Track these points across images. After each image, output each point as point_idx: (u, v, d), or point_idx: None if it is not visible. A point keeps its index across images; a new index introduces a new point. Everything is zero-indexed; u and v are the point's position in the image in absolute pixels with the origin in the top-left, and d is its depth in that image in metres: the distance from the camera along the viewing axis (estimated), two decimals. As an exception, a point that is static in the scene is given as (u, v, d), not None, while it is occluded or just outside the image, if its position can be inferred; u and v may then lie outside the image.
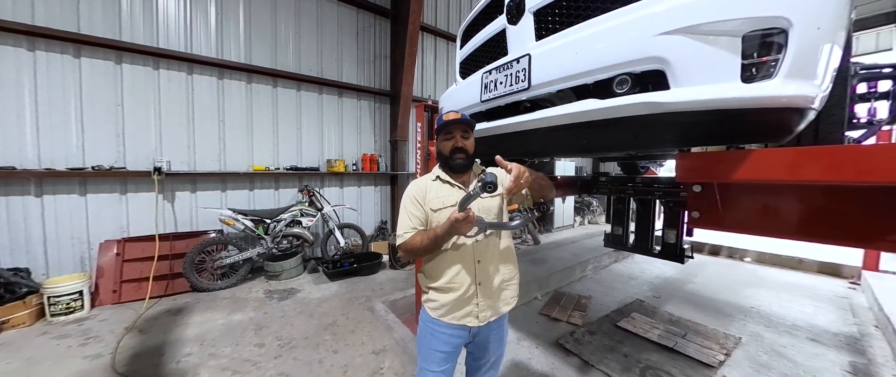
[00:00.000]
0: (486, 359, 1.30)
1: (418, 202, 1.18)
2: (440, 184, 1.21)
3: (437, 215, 1.16)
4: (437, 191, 1.20)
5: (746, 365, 2.34)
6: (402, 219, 1.18)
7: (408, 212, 1.18)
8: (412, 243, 1.13)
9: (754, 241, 5.30)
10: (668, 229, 2.17)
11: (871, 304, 3.25)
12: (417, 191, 1.19)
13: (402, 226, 1.17)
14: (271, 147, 4.22)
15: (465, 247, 1.17)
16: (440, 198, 1.18)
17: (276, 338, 2.47)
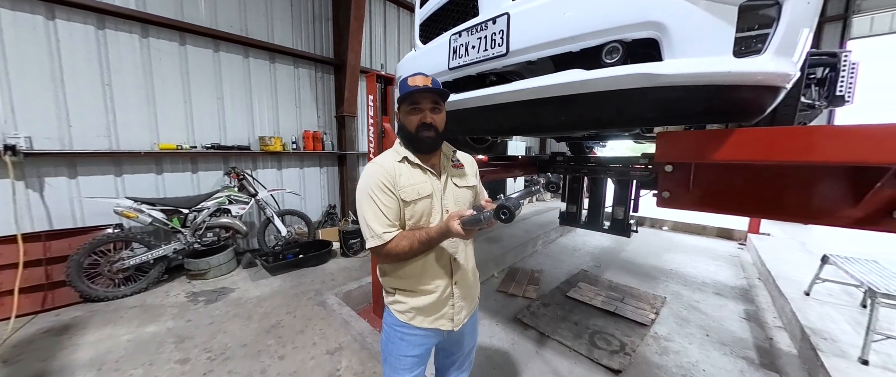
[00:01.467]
0: (460, 355, 1.19)
1: (389, 190, 0.95)
2: (410, 167, 1.00)
3: (410, 209, 0.97)
4: (409, 176, 0.98)
5: (672, 320, 2.69)
6: (374, 215, 0.94)
7: (379, 203, 0.94)
8: (399, 248, 0.92)
9: (671, 213, 6.14)
10: (618, 206, 2.30)
11: (755, 261, 4.00)
12: (385, 175, 0.96)
13: (376, 222, 0.93)
14: (183, 120, 3.45)
15: (447, 243, 1.03)
16: (414, 186, 0.98)
17: (205, 350, 2.09)
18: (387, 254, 0.93)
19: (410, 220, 0.98)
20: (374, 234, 0.92)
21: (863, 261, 2.39)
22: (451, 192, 1.05)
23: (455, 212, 0.88)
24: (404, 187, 0.97)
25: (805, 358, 2.15)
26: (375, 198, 0.94)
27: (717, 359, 2.18)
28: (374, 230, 0.93)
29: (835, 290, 2.75)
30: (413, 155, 1.00)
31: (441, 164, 1.06)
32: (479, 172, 1.97)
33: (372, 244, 0.93)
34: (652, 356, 2.22)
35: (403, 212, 0.98)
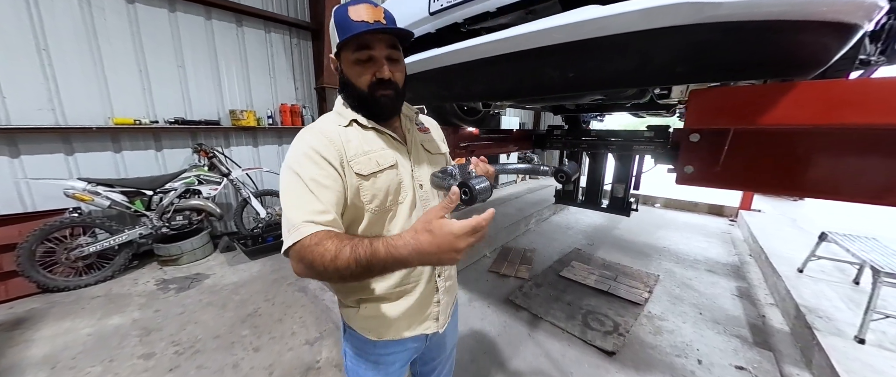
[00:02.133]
0: (441, 357, 1.00)
1: (327, 161, 0.66)
2: (361, 131, 0.74)
3: (369, 188, 0.70)
4: (361, 142, 0.72)
5: (665, 299, 2.64)
6: (295, 196, 0.63)
7: (306, 179, 0.64)
8: (318, 254, 0.56)
9: (663, 189, 6.10)
10: (618, 184, 2.15)
11: (746, 237, 3.99)
12: (323, 142, 0.67)
13: (296, 208, 0.62)
14: (140, 92, 3.09)
15: None
16: (370, 154, 0.71)
17: (173, 342, 1.93)
18: (299, 261, 0.58)
19: (372, 205, 0.71)
20: (290, 226, 0.60)
21: (863, 238, 2.33)
22: (424, 161, 0.82)
23: (429, 213, 0.57)
24: (356, 157, 0.69)
25: (798, 335, 2.12)
26: (301, 172, 0.64)
27: (711, 338, 2.14)
28: (290, 219, 0.61)
29: (827, 267, 2.73)
30: (365, 119, 0.74)
31: (404, 126, 0.82)
32: (470, 147, 1.78)
33: (287, 240, 0.60)
34: (646, 336, 2.16)
35: (357, 194, 0.69)
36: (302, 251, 0.58)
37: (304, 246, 0.58)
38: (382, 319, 0.78)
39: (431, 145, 0.90)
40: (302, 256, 0.58)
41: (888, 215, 5.06)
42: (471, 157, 0.94)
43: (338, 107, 0.77)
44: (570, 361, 1.92)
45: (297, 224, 0.60)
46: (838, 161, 0.70)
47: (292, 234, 0.59)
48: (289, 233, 0.60)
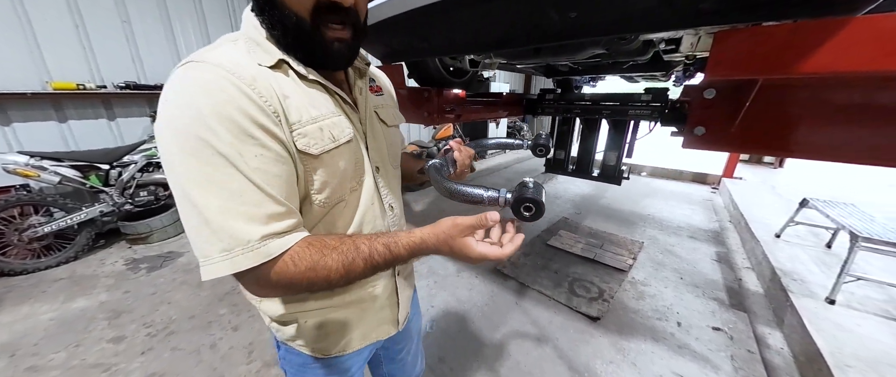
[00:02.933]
0: (408, 346, 0.87)
1: (266, 131, 0.44)
2: (299, 83, 0.50)
3: (322, 173, 0.51)
4: (303, 101, 0.49)
5: (648, 265, 2.70)
6: (230, 191, 0.41)
7: (249, 168, 0.42)
8: (304, 268, 0.44)
9: (650, 158, 6.13)
10: (610, 152, 2.06)
11: (727, 204, 4.08)
12: (250, 97, 0.42)
13: (238, 216, 0.41)
14: (80, 52, 2.70)
15: (382, 222, 0.63)
16: (321, 123, 0.50)
17: (145, 324, 1.83)
18: (275, 284, 0.45)
19: (322, 196, 0.52)
20: (237, 242, 0.41)
21: (842, 204, 2.38)
22: (380, 137, 0.64)
23: (455, 221, 0.49)
24: (302, 125, 0.47)
25: (771, 297, 2.21)
26: (229, 151, 0.40)
27: (691, 302, 2.21)
28: (237, 232, 0.41)
29: (802, 232, 2.83)
30: (302, 66, 0.50)
31: (352, 82, 0.60)
32: (457, 111, 1.63)
33: (227, 267, 0.42)
34: (629, 301, 2.21)
35: (303, 181, 0.50)
36: (282, 271, 0.44)
37: (284, 265, 0.44)
38: (332, 332, 0.63)
39: (387, 114, 0.69)
40: (280, 277, 0.44)
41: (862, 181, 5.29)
42: (451, 142, 0.85)
43: (250, 30, 0.49)
44: (557, 327, 1.95)
45: (251, 237, 0.41)
46: (888, 120, 0.61)
47: (246, 253, 0.41)
48: (230, 253, 0.41)
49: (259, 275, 0.44)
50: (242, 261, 0.42)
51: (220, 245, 0.41)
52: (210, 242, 0.41)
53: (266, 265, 0.43)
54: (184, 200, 0.41)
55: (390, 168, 0.68)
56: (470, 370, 1.63)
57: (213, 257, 0.41)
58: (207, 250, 0.41)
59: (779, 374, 1.65)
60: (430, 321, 2.00)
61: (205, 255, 0.42)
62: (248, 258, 0.42)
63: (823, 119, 0.67)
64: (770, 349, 1.82)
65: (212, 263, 0.41)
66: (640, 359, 1.71)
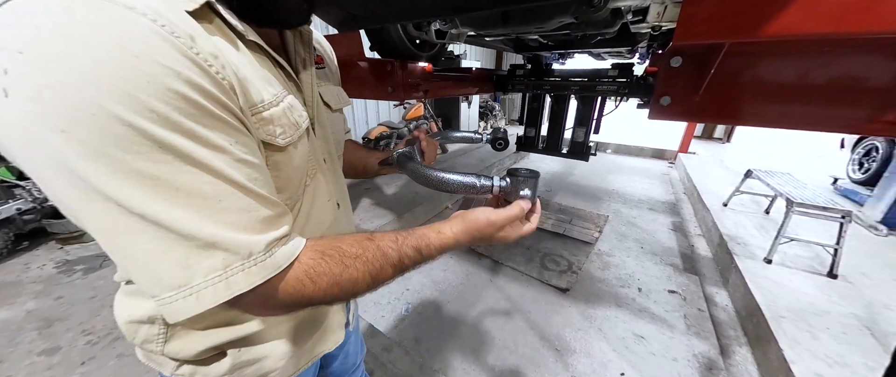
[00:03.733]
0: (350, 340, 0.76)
1: (221, 105, 0.30)
2: (234, 44, 0.35)
3: (286, 162, 0.41)
4: (251, 69, 0.36)
5: (613, 237, 2.85)
6: (202, 193, 0.29)
7: (207, 154, 0.29)
8: (318, 288, 0.36)
9: (614, 135, 6.40)
10: (579, 127, 2.09)
11: (682, 177, 4.38)
12: (191, 61, 0.28)
13: (224, 224, 0.31)
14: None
15: (333, 223, 0.55)
16: (282, 103, 0.39)
17: (83, 332, 1.64)
18: (290, 304, 0.37)
19: (282, 195, 0.43)
20: (235, 256, 0.32)
21: (780, 174, 2.62)
22: (325, 123, 0.54)
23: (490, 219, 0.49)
24: (264, 105, 0.37)
25: (719, 260, 2.43)
26: (189, 135, 0.28)
27: (650, 268, 2.37)
28: (230, 243, 0.31)
29: (745, 201, 3.10)
30: (236, 17, 0.35)
31: (294, 50, 0.46)
32: (424, 86, 1.54)
33: (223, 291, 0.31)
34: (595, 271, 2.33)
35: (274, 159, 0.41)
36: (291, 293, 0.35)
37: (299, 288, 0.35)
38: (276, 359, 0.50)
39: (331, 95, 0.58)
40: (292, 299, 0.36)
41: (796, 152, 5.88)
42: (415, 132, 0.79)
43: None
44: (529, 301, 2.01)
45: (250, 251, 0.32)
46: (843, 85, 0.63)
47: (250, 270, 0.32)
48: (236, 268, 0.31)
49: (267, 293, 0.34)
50: (243, 280, 0.31)
51: (208, 264, 0.30)
52: (186, 265, 0.30)
53: (274, 280, 0.34)
54: (118, 217, 0.27)
55: (336, 160, 0.59)
56: (446, 348, 1.65)
57: (194, 283, 0.30)
58: (182, 277, 0.30)
59: (724, 329, 1.83)
60: (406, 304, 1.98)
61: (178, 285, 0.30)
62: (254, 274, 0.32)
63: (779, 88, 0.69)
64: (717, 306, 2.01)
65: (193, 292, 0.30)
66: (605, 324, 1.81)
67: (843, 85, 0.63)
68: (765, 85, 0.72)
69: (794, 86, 0.68)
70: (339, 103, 0.61)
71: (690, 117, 0.78)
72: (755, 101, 0.74)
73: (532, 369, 1.53)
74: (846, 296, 1.80)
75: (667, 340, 1.70)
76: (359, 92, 1.45)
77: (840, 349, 1.45)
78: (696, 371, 1.52)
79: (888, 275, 2.02)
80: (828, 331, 1.54)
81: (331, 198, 0.55)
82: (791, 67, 0.68)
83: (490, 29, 1.28)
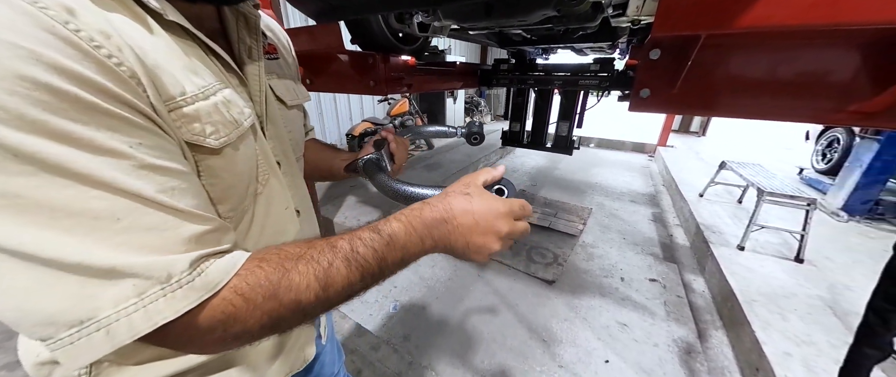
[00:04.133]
0: (326, 349, 0.69)
1: (112, 97, 0.24)
2: (146, 25, 0.29)
3: (223, 167, 0.35)
4: (168, 55, 0.30)
5: (596, 228, 2.92)
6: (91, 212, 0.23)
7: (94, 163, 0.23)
8: (253, 306, 0.29)
9: (597, 130, 6.54)
10: (563, 122, 2.11)
11: (661, 170, 4.53)
12: (63, 42, 0.22)
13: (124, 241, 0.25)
14: None
15: (291, 232, 0.50)
16: (209, 94, 0.33)
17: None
18: (222, 338, 0.29)
19: (223, 208, 0.36)
20: (153, 280, 0.26)
21: (751, 165, 2.74)
22: (278, 121, 0.48)
23: None
24: (186, 99, 0.31)
25: (696, 248, 2.53)
26: (65, 133, 0.22)
27: (632, 258, 2.44)
28: (130, 267, 0.25)
29: (720, 191, 3.24)
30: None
31: (238, 37, 0.41)
32: (407, 80, 1.51)
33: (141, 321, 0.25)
34: (580, 263, 2.38)
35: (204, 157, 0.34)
36: (222, 319, 0.28)
37: (229, 311, 0.28)
38: None
39: (285, 90, 0.52)
40: (225, 329, 0.29)
41: (766, 145, 6.17)
42: (382, 131, 0.71)
43: None
44: (517, 294, 2.04)
45: (169, 272, 0.26)
46: (793, 79, 0.66)
47: (175, 293, 0.26)
48: (153, 295, 0.26)
49: (186, 326, 0.27)
50: (167, 307, 0.26)
51: (113, 292, 0.24)
52: (85, 296, 0.24)
53: (205, 305, 0.27)
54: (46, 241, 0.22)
55: (294, 162, 0.52)
56: (435, 345, 1.65)
57: (101, 317, 0.24)
58: (84, 310, 0.24)
59: (701, 314, 1.91)
60: (394, 301, 1.97)
61: (79, 321, 0.24)
62: (180, 297, 0.26)
63: (751, 80, 0.71)
64: (695, 293, 2.09)
65: (101, 327, 0.24)
66: (590, 313, 1.86)
67: (810, 77, 0.66)
68: (738, 77, 0.74)
69: (764, 78, 0.70)
70: (295, 99, 0.54)
71: (668, 109, 0.79)
72: (729, 92, 0.76)
73: (520, 361, 1.55)
74: (812, 279, 1.91)
75: (648, 327, 1.76)
76: (340, 86, 1.41)
77: (806, 329, 1.54)
78: (676, 355, 1.58)
79: (849, 258, 2.16)
80: (795, 313, 1.64)
81: (288, 205, 0.48)
82: (762, 60, 0.70)
83: (473, 21, 1.27)
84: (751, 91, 0.73)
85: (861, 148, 2.72)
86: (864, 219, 2.72)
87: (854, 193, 2.71)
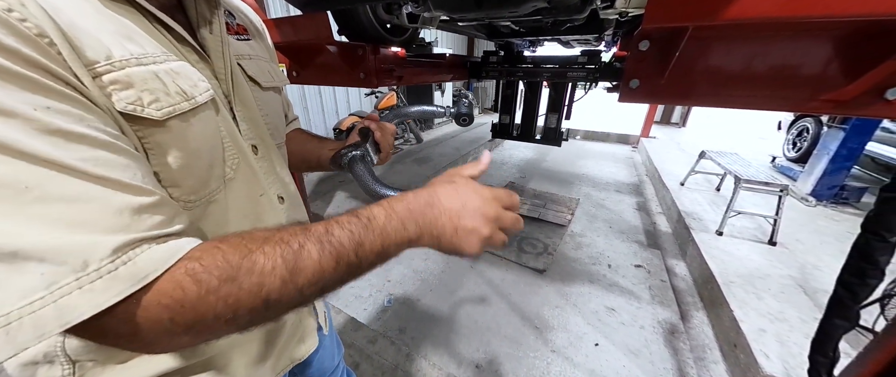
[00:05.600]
0: (324, 344, 0.68)
1: (8, 52, 0.21)
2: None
3: (172, 142, 0.31)
4: (95, 19, 0.28)
5: (584, 218, 2.99)
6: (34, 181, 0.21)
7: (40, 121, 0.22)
8: (208, 289, 0.26)
9: (582, 122, 6.66)
10: (552, 114, 2.14)
11: (644, 160, 4.67)
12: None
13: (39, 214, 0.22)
14: None
15: (271, 219, 0.47)
16: (145, 62, 0.30)
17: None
18: (170, 329, 0.25)
19: (178, 192, 0.33)
20: (57, 264, 0.22)
21: (729, 154, 2.86)
22: (248, 102, 0.45)
23: None
24: (113, 63, 0.27)
25: (677, 235, 2.64)
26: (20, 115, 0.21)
27: (618, 246, 2.53)
28: (37, 247, 0.21)
29: (700, 180, 3.37)
30: None
31: (199, 15, 0.39)
32: (397, 72, 1.49)
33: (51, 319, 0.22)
34: (569, 252, 2.44)
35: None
36: (168, 306, 0.25)
37: (178, 295, 0.25)
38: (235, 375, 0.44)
39: (259, 70, 0.50)
40: (172, 317, 0.25)
41: (742, 135, 6.42)
42: (365, 120, 0.69)
43: None
44: (509, 284, 2.08)
45: (87, 258, 0.23)
46: (772, 70, 0.69)
47: (97, 285, 0.23)
48: (68, 285, 0.22)
49: (132, 317, 0.24)
50: (83, 301, 0.22)
51: (18, 283, 0.21)
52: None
53: (139, 296, 0.24)
54: None
55: (274, 147, 0.50)
56: (430, 335, 1.67)
57: (1, 314, 0.21)
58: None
59: (683, 296, 2.00)
60: (388, 295, 1.97)
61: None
62: (100, 290, 0.23)
63: (734, 71, 0.74)
64: (677, 276, 2.19)
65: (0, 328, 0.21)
66: (579, 300, 1.92)
67: (788, 68, 0.70)
68: (722, 68, 0.77)
69: (746, 69, 0.74)
70: (270, 81, 0.51)
71: (657, 99, 0.82)
72: (714, 82, 0.79)
73: (515, 348, 1.59)
74: (784, 261, 2.04)
75: (634, 310, 1.84)
76: (329, 78, 1.38)
77: (780, 307, 1.64)
78: (661, 336, 1.66)
79: (817, 239, 2.30)
80: (769, 292, 1.74)
81: (265, 191, 0.46)
82: (744, 52, 0.73)
83: (463, 12, 1.26)
84: (734, 81, 0.76)
85: (828, 136, 2.88)
86: (830, 203, 2.90)
87: (821, 179, 2.87)
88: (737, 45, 0.73)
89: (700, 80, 0.77)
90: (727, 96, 0.78)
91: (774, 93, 0.72)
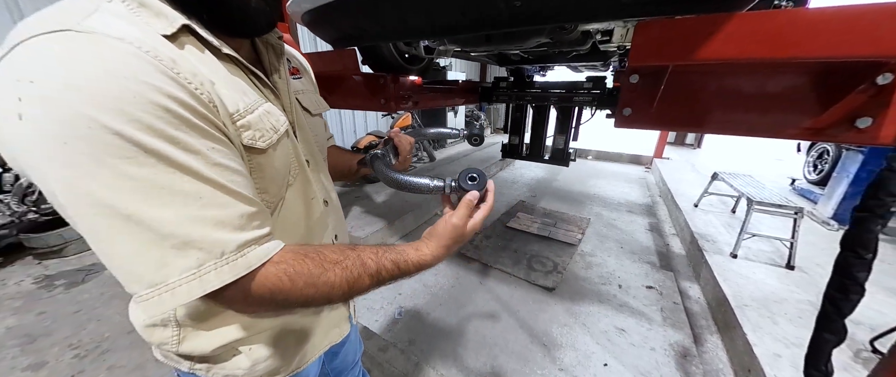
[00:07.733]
0: (349, 338, 0.77)
1: (202, 117, 0.36)
2: (209, 59, 0.40)
3: (267, 165, 0.46)
4: (226, 81, 0.41)
5: (594, 238, 2.99)
6: (184, 192, 0.34)
7: (186, 157, 0.34)
8: (295, 287, 0.40)
9: (594, 142, 6.69)
10: (559, 135, 2.23)
11: (657, 181, 4.64)
12: (175, 82, 0.33)
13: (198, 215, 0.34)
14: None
15: (319, 218, 0.60)
16: (256, 111, 0.44)
17: (70, 346, 1.61)
18: (267, 301, 0.40)
19: (266, 196, 0.48)
20: (209, 255, 0.35)
21: (741, 175, 2.85)
22: (304, 127, 0.58)
23: (454, 224, 0.54)
24: (240, 114, 0.41)
25: (691, 257, 2.60)
26: (171, 141, 0.33)
27: (629, 267, 2.51)
28: (206, 242, 0.35)
29: (714, 201, 3.33)
30: (210, 33, 0.40)
31: (268, 61, 0.52)
32: (414, 98, 1.63)
33: (196, 288, 0.35)
34: (579, 271, 2.45)
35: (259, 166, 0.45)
36: (269, 289, 0.39)
37: (277, 285, 0.39)
38: (285, 351, 0.56)
39: (309, 101, 0.64)
40: (270, 296, 0.39)
41: (757, 157, 6.29)
42: (389, 131, 0.84)
43: (131, 3, 0.35)
44: (517, 301, 2.10)
45: (223, 250, 0.36)
46: (746, 99, 0.77)
47: (222, 268, 0.35)
48: (210, 267, 0.35)
49: (242, 291, 0.38)
50: (215, 278, 0.35)
51: (183, 263, 0.34)
52: (162, 264, 0.33)
53: (246, 278, 0.37)
54: (106, 218, 0.31)
55: (321, 160, 0.65)
56: (439, 348, 1.70)
57: (170, 281, 0.34)
58: (159, 275, 0.33)
59: (696, 319, 1.97)
60: (399, 307, 2.03)
61: (154, 283, 0.33)
62: (226, 272, 0.35)
63: (716, 100, 0.82)
64: (690, 299, 2.16)
65: (169, 289, 0.34)
66: (589, 319, 1.92)
67: (766, 98, 0.77)
68: (705, 98, 0.85)
69: (728, 99, 0.82)
70: (317, 108, 0.66)
71: (648, 125, 0.90)
72: (698, 111, 0.87)
73: (522, 364, 1.61)
74: (801, 285, 1.98)
75: (645, 332, 1.82)
76: (352, 103, 1.53)
77: (796, 331, 1.60)
78: (672, 359, 1.64)
79: (838, 265, 2.22)
80: (785, 316, 1.70)
81: (315, 195, 0.59)
82: (724, 84, 0.81)
83: (474, 46, 1.40)
84: (716, 109, 0.84)
85: (848, 159, 2.83)
86: (854, 227, 2.79)
87: (842, 203, 2.80)
88: (715, 79, 0.81)
89: (685, 108, 0.86)
90: (711, 123, 0.86)
91: (754, 120, 0.79)
